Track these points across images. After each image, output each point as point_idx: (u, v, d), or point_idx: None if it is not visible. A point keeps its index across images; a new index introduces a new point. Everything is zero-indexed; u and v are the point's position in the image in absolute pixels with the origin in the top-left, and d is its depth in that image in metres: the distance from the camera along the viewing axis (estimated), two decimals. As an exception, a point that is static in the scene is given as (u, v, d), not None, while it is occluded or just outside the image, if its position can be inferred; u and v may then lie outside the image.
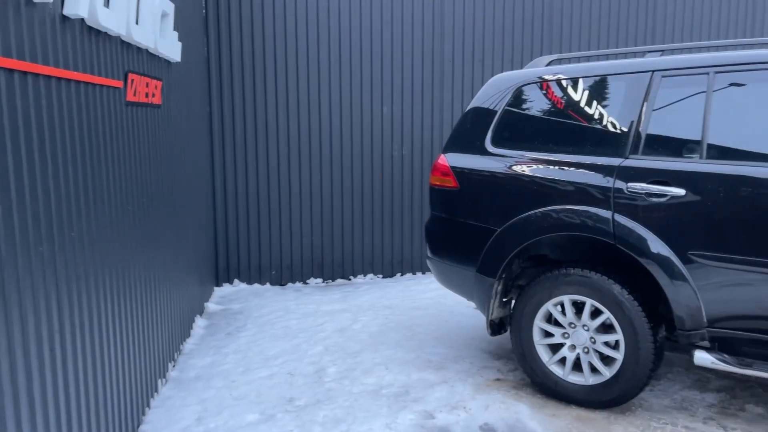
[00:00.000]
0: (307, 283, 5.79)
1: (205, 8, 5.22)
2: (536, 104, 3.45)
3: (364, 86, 5.65)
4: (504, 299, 3.44)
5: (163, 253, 3.47)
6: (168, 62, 3.63)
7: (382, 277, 5.97)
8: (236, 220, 5.55)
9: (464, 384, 3.44)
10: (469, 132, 3.57)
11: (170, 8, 3.49)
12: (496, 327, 3.48)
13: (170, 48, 3.52)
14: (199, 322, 4.56)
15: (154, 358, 3.26)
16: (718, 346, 2.90)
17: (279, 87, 5.47)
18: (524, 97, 3.45)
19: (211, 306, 5.02)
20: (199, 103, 4.85)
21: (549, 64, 3.52)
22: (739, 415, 3.06)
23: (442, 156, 3.64)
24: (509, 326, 3.39)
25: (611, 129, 3.13)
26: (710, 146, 2.84)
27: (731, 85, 2.88)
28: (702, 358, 2.84)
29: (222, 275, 5.61)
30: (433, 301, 5.11)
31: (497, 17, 5.85)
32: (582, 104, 3.26)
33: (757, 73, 2.84)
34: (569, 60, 4.04)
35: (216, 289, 5.56)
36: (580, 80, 3.28)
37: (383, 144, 5.79)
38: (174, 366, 3.73)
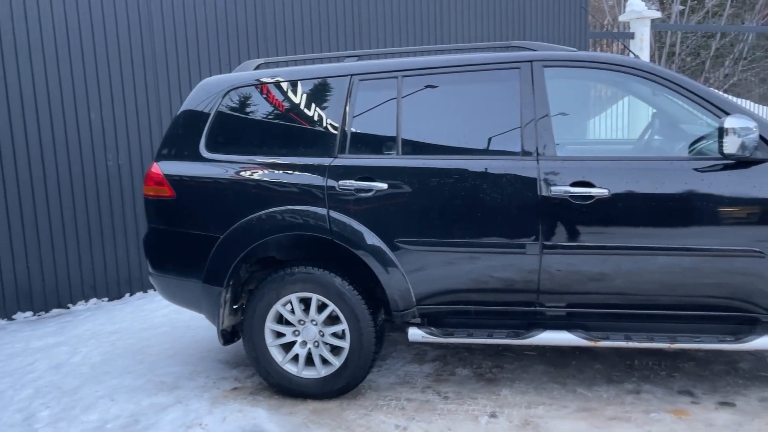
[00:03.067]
0: (13, 319, 5.00)
1: None
2: (251, 107, 3.44)
3: (65, 89, 5.06)
4: (234, 306, 3.39)
5: None
6: None
7: (108, 300, 5.45)
8: None
9: (200, 400, 3.30)
10: (182, 137, 3.42)
11: None
12: (229, 336, 3.41)
13: None
14: None
15: None
16: (427, 321, 3.23)
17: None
18: (237, 100, 3.42)
19: None
20: None
21: (257, 67, 3.54)
22: (451, 379, 3.46)
23: (155, 164, 3.43)
24: (242, 333, 3.34)
25: (322, 130, 3.27)
26: (404, 143, 3.14)
27: (419, 87, 3.22)
28: (414, 333, 3.14)
29: None
30: (166, 319, 4.81)
31: (210, 18, 5.73)
32: (293, 107, 3.35)
33: (439, 77, 3.22)
34: (277, 64, 4.12)
35: None
36: (288, 84, 3.36)
37: (95, 153, 5.26)
38: None
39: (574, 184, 2.91)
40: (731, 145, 2.67)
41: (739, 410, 2.94)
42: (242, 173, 3.26)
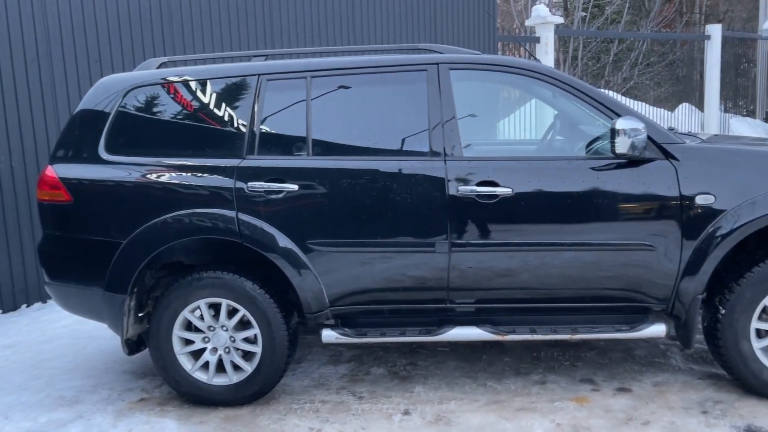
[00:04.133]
0: None
1: None
2: (155, 107, 3.31)
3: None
4: (140, 314, 3.25)
5: None
6: None
7: (2, 313, 5.09)
8: None
9: (103, 414, 3.15)
10: (79, 139, 3.25)
11: None
12: (134, 345, 3.27)
13: None
14: None
15: None
16: (341, 322, 3.23)
17: None
18: (140, 99, 3.28)
19: None
20: None
21: (160, 66, 3.41)
22: (366, 378, 3.48)
23: (50, 167, 3.23)
24: (148, 341, 3.22)
25: (230, 131, 3.21)
26: (315, 144, 3.12)
27: (329, 87, 3.22)
28: (328, 335, 3.14)
29: None
30: (68, 330, 4.55)
31: (111, 13, 5.47)
32: (200, 107, 3.25)
33: (349, 78, 3.22)
34: (184, 63, 4.00)
35: None
36: (195, 83, 3.26)
37: (-17, 156, 4.90)
38: None
39: (480, 184, 3.00)
40: (622, 145, 2.83)
41: (635, 395, 3.13)
42: (146, 175, 3.14)
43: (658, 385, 3.22)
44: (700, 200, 2.90)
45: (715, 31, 12.94)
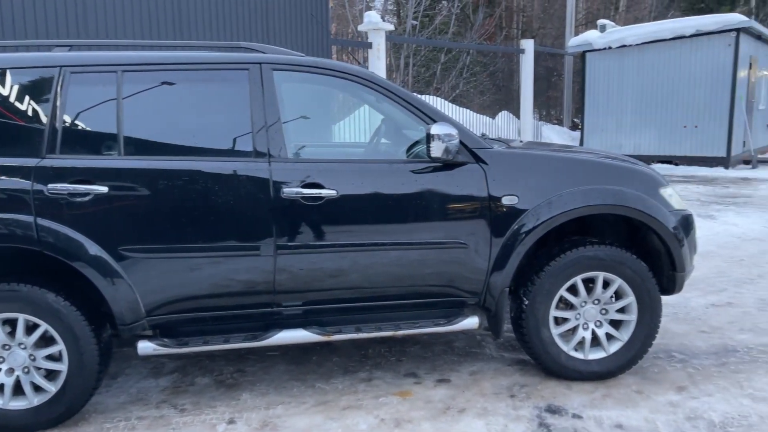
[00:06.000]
0: None
1: None
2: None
3: None
4: None
5: None
6: None
7: None
8: None
9: None
10: None
11: None
12: None
13: None
14: None
15: None
16: (160, 332, 3.05)
17: None
18: None
19: None
20: None
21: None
22: (189, 389, 3.32)
23: None
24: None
25: (26, 127, 2.88)
26: (127, 142, 2.92)
27: (143, 83, 3.02)
28: (145, 347, 2.95)
29: None
30: None
31: None
32: (-11, 99, 2.89)
33: (165, 74, 3.05)
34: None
35: None
36: (-17, 72, 2.89)
37: None
38: None
39: (305, 186, 3.00)
40: (437, 150, 2.99)
41: (454, 385, 3.32)
42: None
43: (474, 374, 3.44)
44: (506, 201, 3.15)
45: (528, 45, 14.22)
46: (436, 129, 2.99)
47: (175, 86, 3.07)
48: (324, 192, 3.01)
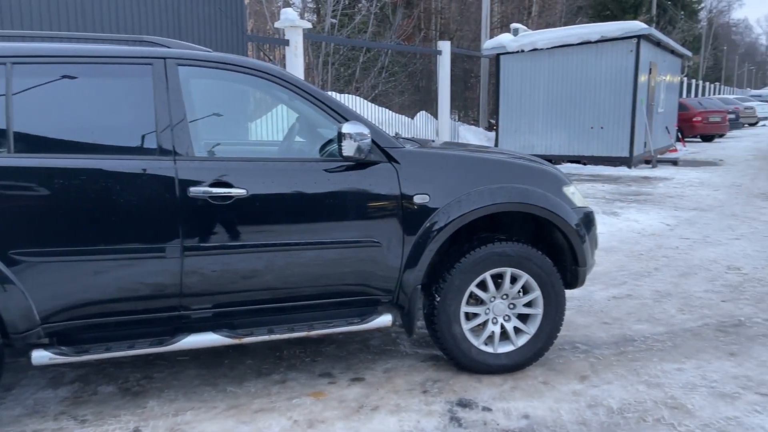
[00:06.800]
0: None
1: None
2: None
3: None
4: None
5: None
6: None
7: None
8: None
9: None
10: None
11: None
12: None
13: None
14: None
15: None
16: (57, 340, 2.88)
17: None
18: None
19: None
20: None
21: None
22: (92, 399, 3.16)
23: None
24: None
25: None
26: (18, 139, 2.73)
27: (37, 76, 2.84)
28: (39, 356, 2.78)
29: None
30: None
31: None
32: None
33: (61, 67, 2.88)
34: None
35: None
36: None
37: None
38: None
39: (214, 185, 2.92)
40: (348, 148, 2.98)
41: (368, 383, 3.33)
42: None
43: (388, 372, 3.47)
44: (417, 199, 3.19)
45: (445, 47, 14.51)
46: (347, 128, 2.98)
47: (74, 80, 2.91)
48: (233, 191, 2.94)
